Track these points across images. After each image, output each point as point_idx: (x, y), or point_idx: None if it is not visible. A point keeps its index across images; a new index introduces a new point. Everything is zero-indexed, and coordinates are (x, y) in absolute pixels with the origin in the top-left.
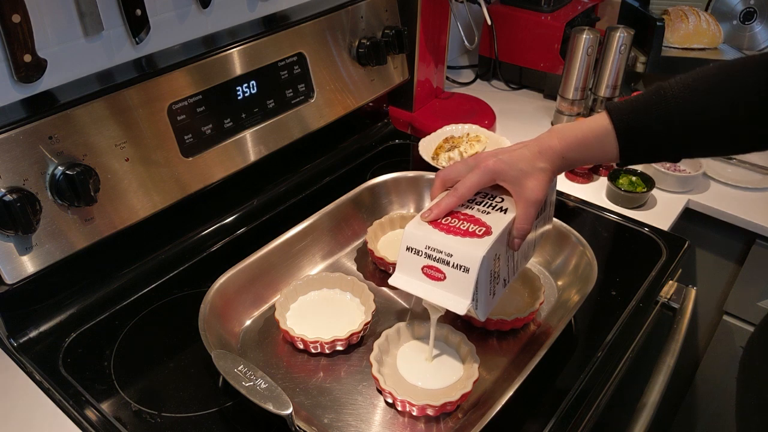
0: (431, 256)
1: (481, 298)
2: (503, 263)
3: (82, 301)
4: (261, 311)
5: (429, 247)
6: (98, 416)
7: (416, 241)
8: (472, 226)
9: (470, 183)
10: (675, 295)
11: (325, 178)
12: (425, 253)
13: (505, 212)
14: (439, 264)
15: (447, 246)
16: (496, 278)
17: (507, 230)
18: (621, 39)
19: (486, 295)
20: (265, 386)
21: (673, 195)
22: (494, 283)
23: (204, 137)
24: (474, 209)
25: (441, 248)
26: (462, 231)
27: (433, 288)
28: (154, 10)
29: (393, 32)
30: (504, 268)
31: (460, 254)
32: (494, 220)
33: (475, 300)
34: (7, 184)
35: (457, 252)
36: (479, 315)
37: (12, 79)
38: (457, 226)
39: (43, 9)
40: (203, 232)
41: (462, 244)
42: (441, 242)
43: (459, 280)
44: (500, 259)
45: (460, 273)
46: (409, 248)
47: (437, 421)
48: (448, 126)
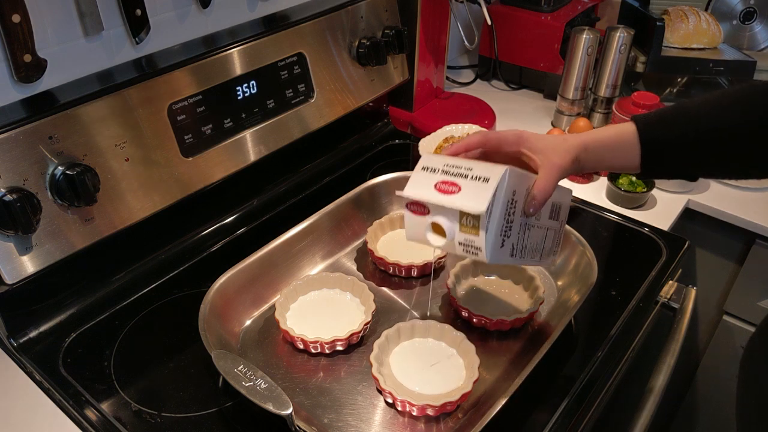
0: (448, 171)
1: (492, 229)
2: (516, 220)
3: (82, 301)
4: (261, 311)
5: (447, 165)
6: (98, 416)
7: (434, 162)
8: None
9: (499, 134)
10: (675, 295)
11: (325, 178)
12: (442, 170)
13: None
14: (455, 178)
15: (467, 163)
16: (508, 226)
17: (527, 186)
18: (621, 39)
19: (497, 230)
20: (265, 386)
21: (673, 195)
22: (506, 228)
23: (204, 137)
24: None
25: (461, 164)
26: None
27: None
28: (154, 10)
29: (393, 32)
30: (516, 228)
31: (480, 167)
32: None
33: (488, 221)
34: (7, 184)
35: (478, 167)
36: (486, 250)
37: (12, 79)
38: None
39: (43, 9)
40: (203, 232)
41: (483, 164)
42: (461, 162)
43: (476, 189)
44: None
45: (479, 183)
46: (425, 168)
47: (437, 421)
48: (448, 126)
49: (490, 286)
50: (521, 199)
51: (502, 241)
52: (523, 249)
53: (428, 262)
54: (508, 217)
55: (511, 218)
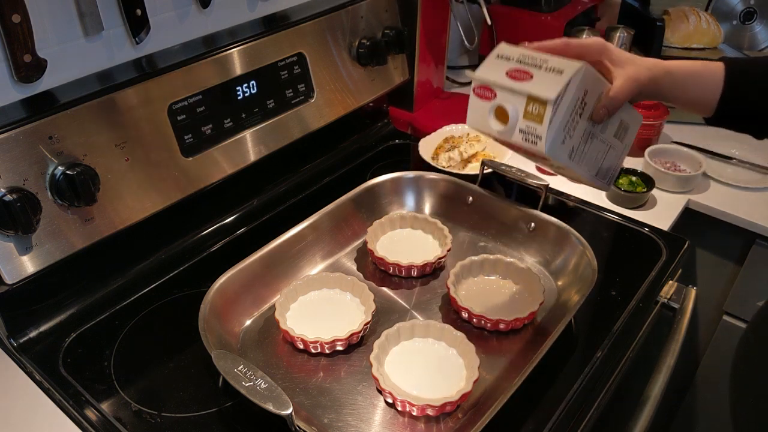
0: (523, 61)
1: (557, 120)
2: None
3: (82, 301)
4: (261, 311)
5: (523, 55)
6: (98, 416)
7: (510, 51)
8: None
9: (581, 40)
10: (675, 295)
11: (325, 178)
12: (517, 59)
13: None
14: (529, 68)
15: (543, 56)
16: (573, 125)
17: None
18: (621, 39)
19: (561, 123)
20: (265, 386)
21: (673, 195)
22: (571, 127)
23: (204, 137)
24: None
25: (536, 56)
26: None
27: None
28: (154, 10)
29: (393, 32)
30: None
31: (555, 61)
32: None
33: (552, 112)
34: (7, 184)
35: (553, 59)
36: (547, 138)
37: (12, 79)
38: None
39: (43, 9)
40: (203, 232)
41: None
42: (537, 54)
43: (548, 78)
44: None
45: (552, 74)
46: (499, 55)
47: (437, 421)
48: (448, 126)
49: (490, 286)
50: (591, 102)
51: (563, 138)
52: (582, 156)
53: (428, 263)
54: (575, 116)
55: (577, 118)
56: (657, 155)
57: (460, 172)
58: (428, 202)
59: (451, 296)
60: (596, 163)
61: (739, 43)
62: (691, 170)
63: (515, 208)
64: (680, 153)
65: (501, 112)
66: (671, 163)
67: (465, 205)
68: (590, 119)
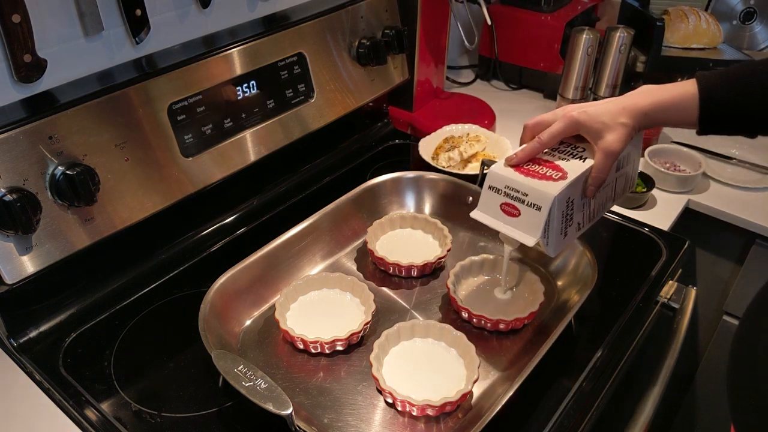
0: (509, 194)
1: (552, 236)
2: (577, 208)
3: (82, 301)
4: (261, 311)
5: (508, 187)
6: (98, 416)
7: (498, 181)
8: (550, 171)
9: (554, 131)
10: (675, 295)
11: (325, 178)
12: (504, 192)
13: (584, 161)
14: (515, 202)
15: (524, 186)
16: (569, 220)
17: (583, 177)
18: (621, 39)
19: (557, 234)
20: (265, 386)
21: (673, 195)
22: (566, 224)
23: (204, 137)
24: (555, 156)
25: (518, 188)
26: (540, 174)
27: (508, 223)
28: (154, 10)
29: (393, 32)
30: (578, 212)
31: (534, 194)
32: (572, 167)
33: (545, 237)
34: (7, 184)
35: (532, 192)
36: (549, 251)
37: (12, 79)
38: (537, 171)
39: (43, 9)
40: (203, 232)
41: (537, 185)
42: (519, 183)
43: (531, 217)
44: (574, 203)
45: (533, 211)
46: (491, 187)
47: (437, 421)
48: (448, 126)
49: (490, 286)
50: (578, 192)
51: (565, 233)
52: (592, 214)
53: (428, 262)
54: (567, 217)
55: (571, 212)
56: (657, 155)
57: (460, 172)
58: (428, 202)
59: (451, 296)
60: (609, 199)
61: (739, 43)
62: (691, 170)
63: None
64: (680, 153)
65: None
66: (671, 163)
67: (465, 205)
68: (584, 196)
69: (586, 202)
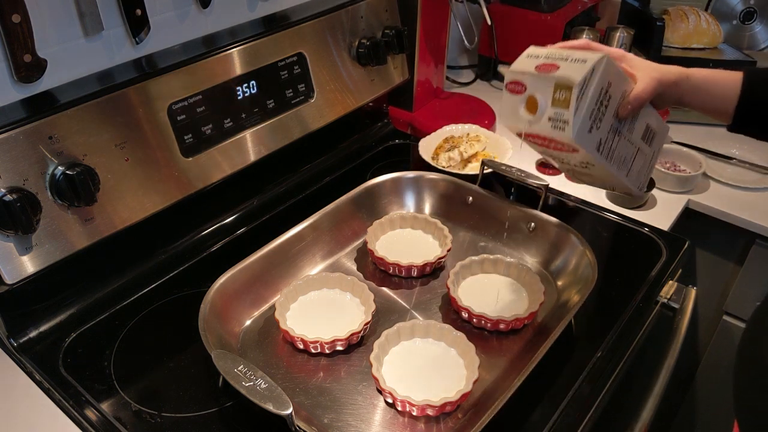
0: (550, 56)
1: (583, 105)
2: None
3: (82, 301)
4: (261, 311)
5: (550, 52)
6: (98, 416)
7: (538, 51)
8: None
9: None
10: (675, 295)
11: (325, 178)
12: (545, 56)
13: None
14: (556, 60)
15: (569, 51)
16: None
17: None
18: (621, 39)
19: (588, 109)
20: (265, 386)
21: (673, 195)
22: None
23: (204, 137)
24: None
25: (563, 52)
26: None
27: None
28: (154, 10)
29: (393, 32)
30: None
31: (580, 53)
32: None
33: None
34: (7, 184)
35: (578, 53)
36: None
37: (12, 79)
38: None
39: (43, 9)
40: (203, 232)
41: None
42: (563, 50)
43: (573, 66)
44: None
45: (576, 64)
46: (529, 55)
47: (437, 421)
48: (448, 126)
49: (490, 286)
50: (616, 96)
51: (590, 126)
52: (611, 152)
53: (428, 262)
54: (600, 106)
55: (603, 109)
56: None
57: (460, 172)
58: (428, 202)
59: (451, 296)
60: (626, 164)
61: (739, 43)
62: (691, 170)
63: (515, 209)
64: (680, 153)
65: (531, 103)
66: (671, 163)
67: (465, 205)
68: (616, 116)
69: (615, 126)
